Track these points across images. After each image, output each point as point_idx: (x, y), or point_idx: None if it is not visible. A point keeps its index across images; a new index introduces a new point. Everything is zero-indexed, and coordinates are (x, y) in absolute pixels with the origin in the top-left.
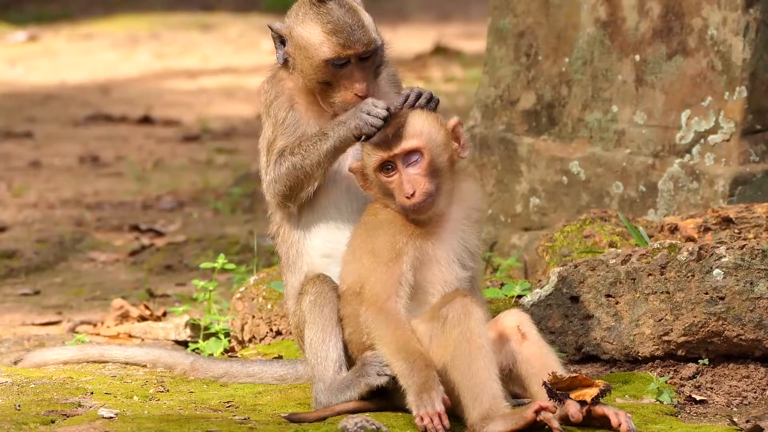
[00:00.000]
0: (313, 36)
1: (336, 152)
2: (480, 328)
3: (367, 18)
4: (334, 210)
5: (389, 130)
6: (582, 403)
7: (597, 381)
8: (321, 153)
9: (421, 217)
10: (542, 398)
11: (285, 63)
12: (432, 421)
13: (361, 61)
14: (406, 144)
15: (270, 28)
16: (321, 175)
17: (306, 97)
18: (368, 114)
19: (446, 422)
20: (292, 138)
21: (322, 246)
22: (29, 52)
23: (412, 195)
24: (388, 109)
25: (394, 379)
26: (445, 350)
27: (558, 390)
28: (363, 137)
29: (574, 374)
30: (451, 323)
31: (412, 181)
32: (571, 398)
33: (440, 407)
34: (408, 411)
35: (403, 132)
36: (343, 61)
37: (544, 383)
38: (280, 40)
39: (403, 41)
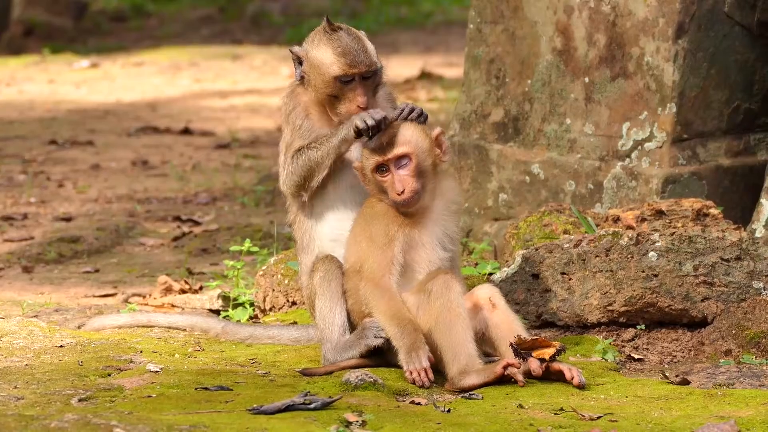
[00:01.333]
0: (326, 57)
1: (340, 146)
2: (458, 299)
3: (369, 45)
4: (340, 203)
5: (384, 138)
6: (542, 360)
7: (554, 342)
8: (329, 146)
9: (409, 210)
10: (509, 357)
11: (302, 79)
12: (419, 375)
13: (363, 79)
14: (398, 150)
15: (291, 51)
16: (328, 166)
17: (318, 108)
18: (367, 116)
19: (431, 376)
20: (307, 140)
21: (330, 232)
22: (91, 77)
23: (402, 192)
24: (384, 117)
25: (388, 341)
26: (430, 317)
27: (522, 350)
28: (361, 134)
29: (536, 337)
30: (435, 295)
31: (402, 181)
32: (533, 356)
33: (426, 363)
34: (399, 367)
35: (395, 140)
36: (349, 78)
37: (511, 344)
38: (299, 60)
39: (395, 69)
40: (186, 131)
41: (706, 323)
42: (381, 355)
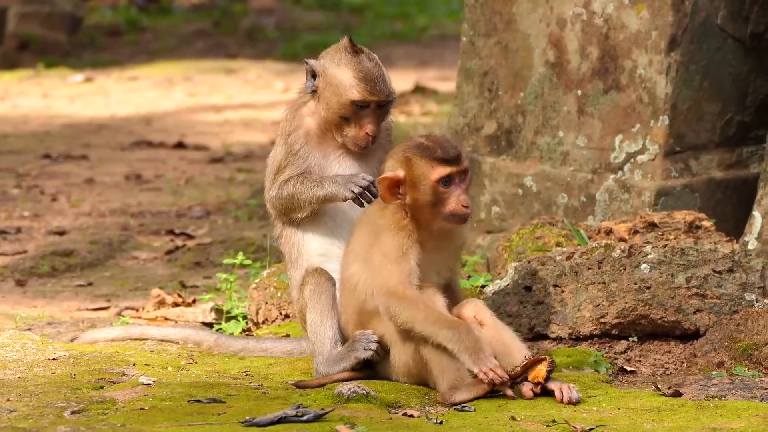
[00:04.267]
0: (346, 79)
1: (325, 200)
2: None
3: (387, 74)
4: (330, 219)
5: (451, 150)
6: (537, 383)
7: (544, 356)
8: (313, 196)
9: (461, 225)
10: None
11: (312, 93)
12: (495, 372)
13: (378, 107)
14: (467, 163)
15: (306, 62)
16: (309, 210)
17: (322, 128)
18: (356, 185)
19: (503, 372)
20: (298, 170)
21: (318, 247)
22: (86, 91)
23: (467, 206)
24: (371, 182)
25: (377, 353)
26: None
27: (516, 377)
28: (346, 200)
29: (525, 361)
30: None
31: (467, 194)
32: (528, 380)
33: (495, 362)
34: (389, 379)
35: (457, 147)
36: (366, 104)
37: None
38: (312, 74)
39: None
40: (180, 145)
41: (698, 335)
42: (372, 367)
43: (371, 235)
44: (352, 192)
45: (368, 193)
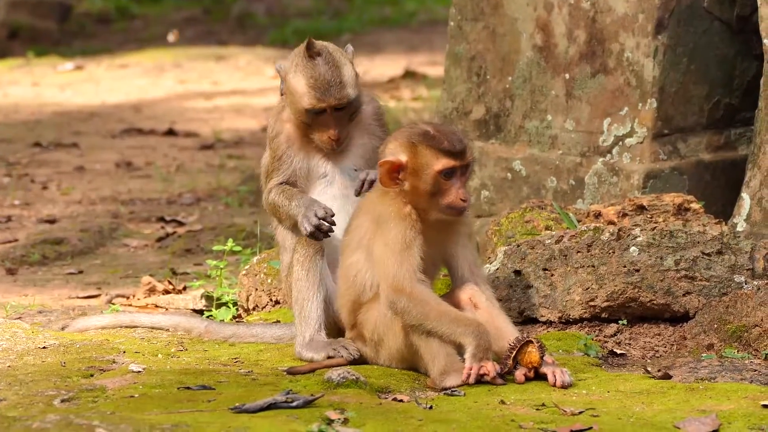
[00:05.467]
0: (299, 86)
1: (294, 221)
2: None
3: (347, 74)
4: None
5: (457, 144)
6: (532, 368)
7: (530, 339)
8: (287, 212)
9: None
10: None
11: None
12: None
13: (336, 110)
14: (470, 156)
15: (276, 68)
16: (290, 224)
17: (300, 132)
18: (308, 221)
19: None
20: (284, 176)
21: None
22: (76, 79)
23: (466, 200)
24: (326, 214)
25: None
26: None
27: (508, 367)
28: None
29: (512, 345)
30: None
31: (467, 188)
32: (520, 365)
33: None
34: (378, 364)
35: (466, 146)
36: (320, 110)
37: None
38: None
39: (379, 68)
40: (170, 132)
41: (687, 318)
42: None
43: (373, 224)
44: (306, 229)
45: (324, 226)
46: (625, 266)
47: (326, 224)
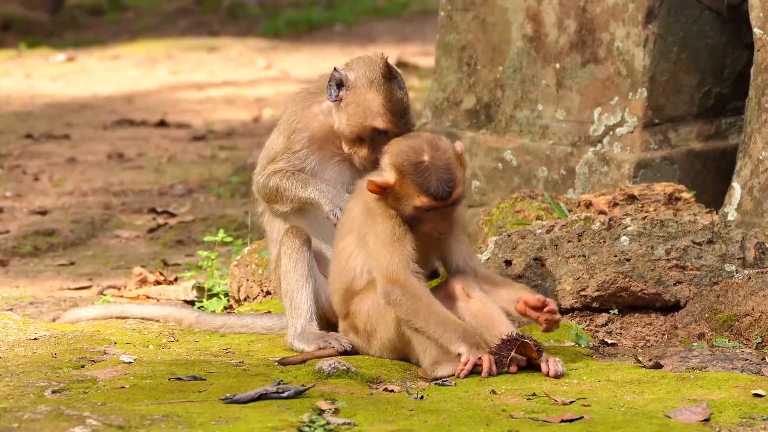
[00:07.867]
0: (375, 105)
1: (306, 203)
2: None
3: (409, 102)
4: (312, 212)
5: (444, 185)
6: (530, 359)
7: (524, 339)
8: (296, 195)
9: None
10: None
11: (336, 101)
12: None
13: (393, 135)
14: (455, 195)
15: (335, 70)
16: (290, 207)
17: (327, 133)
18: (338, 207)
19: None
20: (292, 167)
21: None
22: (68, 70)
23: (443, 233)
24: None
25: (347, 351)
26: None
27: (504, 365)
28: (326, 215)
29: (510, 347)
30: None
31: (447, 221)
32: (516, 355)
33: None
34: (369, 354)
35: (453, 183)
36: (386, 132)
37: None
38: (338, 83)
39: None
40: (162, 123)
41: (678, 307)
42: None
43: (363, 211)
44: (336, 216)
45: None
46: (616, 256)
47: None
